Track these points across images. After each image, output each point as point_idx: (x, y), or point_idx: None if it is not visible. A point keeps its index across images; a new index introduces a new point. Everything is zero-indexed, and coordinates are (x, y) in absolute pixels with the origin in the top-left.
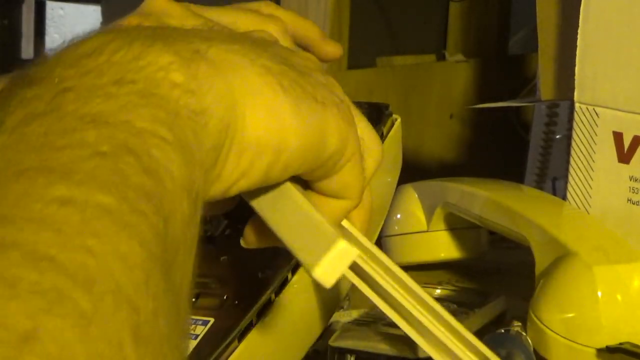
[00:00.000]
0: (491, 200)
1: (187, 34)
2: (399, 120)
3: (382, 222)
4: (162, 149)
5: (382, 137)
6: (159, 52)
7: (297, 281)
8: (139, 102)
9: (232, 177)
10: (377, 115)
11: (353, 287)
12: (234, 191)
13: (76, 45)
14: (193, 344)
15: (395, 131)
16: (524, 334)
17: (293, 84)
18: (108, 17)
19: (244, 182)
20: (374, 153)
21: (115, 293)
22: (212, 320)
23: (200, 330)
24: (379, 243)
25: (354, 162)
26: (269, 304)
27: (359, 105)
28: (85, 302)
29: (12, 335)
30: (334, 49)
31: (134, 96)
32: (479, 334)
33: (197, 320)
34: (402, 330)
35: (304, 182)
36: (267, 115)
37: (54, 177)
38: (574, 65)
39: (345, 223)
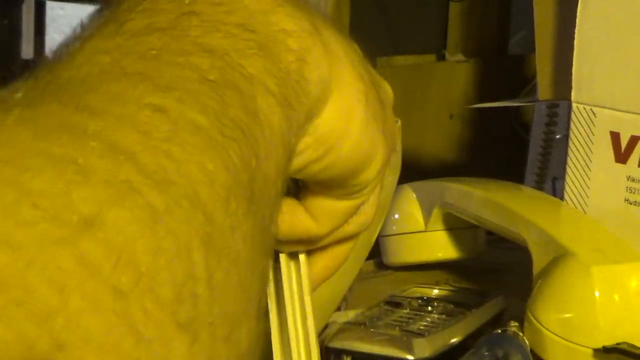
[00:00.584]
0: (489, 200)
1: (310, 8)
2: (399, 122)
3: (382, 222)
4: (267, 99)
5: None
6: (286, 15)
7: None
8: (256, 51)
9: None
10: None
11: (350, 289)
12: None
13: None
14: None
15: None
16: (520, 334)
17: (375, 103)
18: None
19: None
20: (363, 219)
21: (192, 199)
22: None
23: None
24: (377, 243)
25: (358, 201)
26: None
27: None
28: (157, 200)
29: (74, 217)
30: None
31: (253, 44)
32: (477, 334)
33: None
34: None
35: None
36: (341, 116)
37: (156, 87)
38: (572, 65)
39: (302, 257)
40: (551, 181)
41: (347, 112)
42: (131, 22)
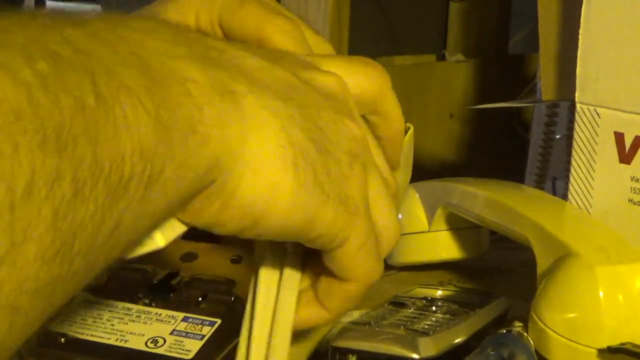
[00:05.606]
0: (492, 201)
1: (238, 69)
2: (412, 128)
3: None
4: (133, 104)
5: None
6: (193, 66)
7: None
8: (140, 72)
9: (204, 219)
10: None
11: None
12: (201, 226)
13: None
14: (199, 344)
15: (408, 139)
16: (525, 334)
17: (308, 167)
18: None
19: (216, 229)
20: (388, 239)
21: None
22: (219, 321)
23: (207, 331)
24: None
25: (356, 249)
26: None
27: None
28: None
29: None
30: None
31: (136, 70)
32: (481, 333)
33: (204, 320)
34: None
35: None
36: (265, 188)
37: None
38: (576, 66)
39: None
40: (551, 181)
41: (270, 184)
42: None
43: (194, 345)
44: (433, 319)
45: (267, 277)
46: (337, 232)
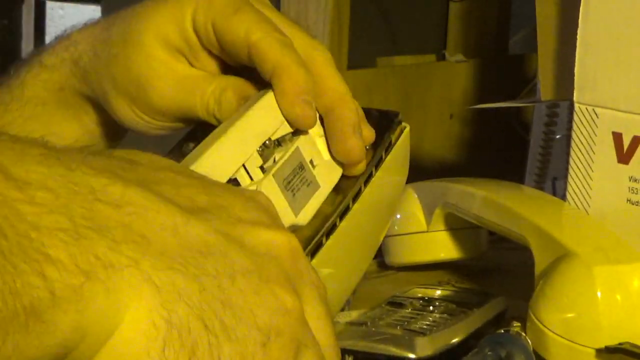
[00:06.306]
0: (491, 201)
1: (131, 231)
2: (407, 128)
3: (389, 224)
4: None
5: (391, 145)
6: (59, 241)
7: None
8: None
9: None
10: (386, 123)
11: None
12: None
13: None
14: None
15: (404, 139)
16: (523, 334)
17: (184, 351)
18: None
19: None
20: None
21: None
22: None
23: None
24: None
25: None
26: None
27: (369, 112)
28: None
29: None
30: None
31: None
32: (478, 333)
33: None
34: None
35: None
36: None
37: None
38: (574, 66)
39: None
40: (551, 181)
41: None
42: None
43: None
44: (430, 318)
45: None
46: None
